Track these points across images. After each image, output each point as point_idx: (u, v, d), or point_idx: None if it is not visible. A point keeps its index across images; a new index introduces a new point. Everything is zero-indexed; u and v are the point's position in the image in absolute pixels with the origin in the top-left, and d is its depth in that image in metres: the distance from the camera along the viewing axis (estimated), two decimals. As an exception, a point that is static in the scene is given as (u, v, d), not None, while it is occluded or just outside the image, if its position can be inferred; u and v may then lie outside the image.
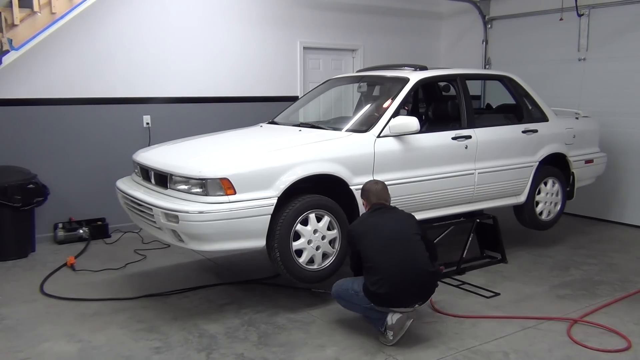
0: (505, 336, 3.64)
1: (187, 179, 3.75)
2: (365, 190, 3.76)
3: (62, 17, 5.17)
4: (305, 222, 3.87)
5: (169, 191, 3.85)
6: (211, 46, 6.47)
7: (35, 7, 4.86)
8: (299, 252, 3.88)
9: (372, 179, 3.99)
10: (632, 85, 6.30)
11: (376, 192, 3.70)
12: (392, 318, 3.42)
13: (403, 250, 3.43)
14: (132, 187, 4.27)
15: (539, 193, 5.38)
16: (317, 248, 3.94)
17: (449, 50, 8.47)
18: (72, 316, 3.94)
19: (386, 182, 4.20)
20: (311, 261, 3.94)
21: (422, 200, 4.50)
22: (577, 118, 5.83)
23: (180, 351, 3.43)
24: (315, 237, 3.91)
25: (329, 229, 3.99)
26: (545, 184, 5.41)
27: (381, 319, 3.49)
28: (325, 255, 4.00)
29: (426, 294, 3.51)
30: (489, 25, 7.91)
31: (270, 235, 3.79)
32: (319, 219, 3.92)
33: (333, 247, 4.02)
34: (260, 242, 3.79)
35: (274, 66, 6.95)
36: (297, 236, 3.86)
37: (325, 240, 3.97)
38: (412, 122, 4.23)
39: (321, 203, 3.93)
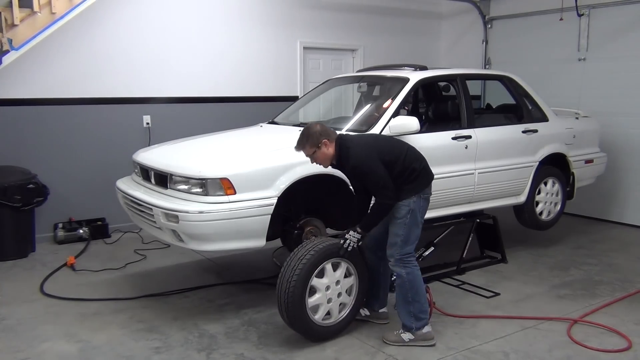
0: (505, 336, 3.64)
1: (187, 179, 3.75)
2: (323, 131, 3.37)
3: (62, 17, 5.17)
4: (321, 274, 3.46)
5: (169, 191, 3.85)
6: (211, 46, 6.47)
7: (35, 7, 4.86)
8: (315, 309, 3.47)
9: (314, 122, 3.55)
10: (632, 85, 6.30)
11: (325, 127, 3.44)
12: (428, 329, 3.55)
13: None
14: (132, 187, 4.27)
15: (539, 193, 5.38)
16: (329, 301, 3.51)
17: (449, 50, 8.46)
18: (72, 316, 3.94)
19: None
20: (328, 315, 3.54)
21: (422, 200, 4.49)
22: (577, 118, 5.82)
23: (180, 351, 3.43)
24: (332, 290, 3.51)
25: (347, 291, 3.62)
26: (545, 184, 5.41)
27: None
28: (341, 306, 3.61)
29: None
30: (489, 25, 7.91)
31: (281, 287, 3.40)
32: (335, 268, 3.52)
33: (350, 295, 3.64)
34: (260, 242, 3.78)
35: (274, 66, 6.95)
36: (313, 291, 3.45)
37: (339, 299, 3.57)
38: (412, 122, 4.23)
39: (334, 251, 3.47)
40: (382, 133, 4.25)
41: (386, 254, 3.52)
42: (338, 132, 3.53)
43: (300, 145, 3.41)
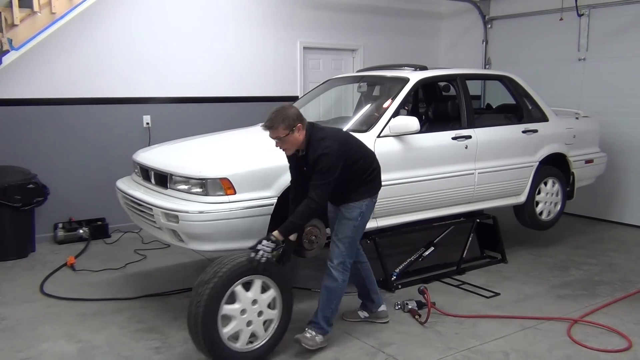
0: (505, 336, 3.64)
1: (187, 179, 3.75)
2: (299, 115, 3.24)
3: (62, 17, 5.17)
4: (231, 299, 3.14)
5: (169, 191, 3.84)
6: (211, 46, 6.47)
7: (35, 7, 4.86)
8: (235, 336, 3.15)
9: (288, 104, 3.36)
10: (632, 85, 6.31)
11: (299, 111, 3.31)
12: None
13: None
14: (132, 187, 4.26)
15: (539, 193, 5.38)
16: (249, 323, 3.19)
17: (449, 50, 8.46)
18: (72, 316, 3.94)
19: (386, 182, 4.21)
20: (235, 337, 3.17)
21: (423, 200, 4.50)
22: (577, 118, 5.83)
23: (180, 351, 3.43)
24: (250, 312, 3.17)
25: (269, 306, 3.29)
26: (545, 184, 5.41)
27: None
28: (253, 336, 3.25)
29: None
30: (489, 25, 7.91)
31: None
32: (247, 287, 3.18)
33: (274, 309, 3.30)
34: (261, 242, 3.78)
35: (274, 66, 6.95)
36: (227, 320, 3.13)
37: (261, 318, 3.23)
38: (412, 122, 4.23)
39: (244, 269, 3.13)
40: (382, 133, 4.26)
41: (330, 255, 3.42)
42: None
43: (274, 124, 3.17)
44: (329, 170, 3.18)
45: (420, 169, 4.43)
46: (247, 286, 3.18)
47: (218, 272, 3.07)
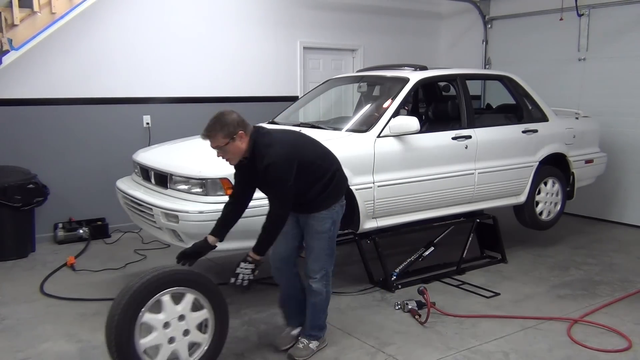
0: (505, 336, 3.64)
1: (187, 179, 3.75)
2: (240, 121, 2.97)
3: (62, 17, 5.17)
4: (156, 308, 2.83)
5: (169, 191, 3.84)
6: (211, 46, 6.47)
7: (35, 7, 4.86)
8: (154, 351, 2.83)
9: (229, 110, 3.09)
10: (632, 85, 6.31)
11: (242, 117, 3.04)
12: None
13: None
14: (132, 187, 4.27)
15: (539, 193, 5.38)
16: (171, 340, 2.86)
17: (449, 50, 8.46)
18: (72, 316, 3.93)
19: (386, 182, 4.24)
20: (153, 353, 2.85)
21: (422, 200, 4.50)
22: (577, 118, 5.83)
23: (180, 351, 3.42)
24: (174, 328, 2.86)
25: (199, 327, 3.00)
26: (545, 184, 5.41)
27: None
28: (194, 346, 2.98)
29: None
30: (489, 25, 7.91)
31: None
32: (177, 300, 2.88)
33: (204, 332, 2.99)
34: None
35: (274, 66, 6.95)
36: (147, 329, 2.81)
37: (186, 338, 2.91)
38: (412, 122, 4.23)
39: (178, 278, 2.87)
40: (382, 133, 4.26)
41: (308, 271, 3.24)
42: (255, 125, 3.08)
43: (211, 133, 2.92)
44: (281, 180, 2.92)
45: (420, 169, 4.43)
46: (176, 299, 2.86)
47: (147, 276, 2.79)
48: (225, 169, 3.68)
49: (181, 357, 2.90)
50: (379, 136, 4.24)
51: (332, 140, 4.21)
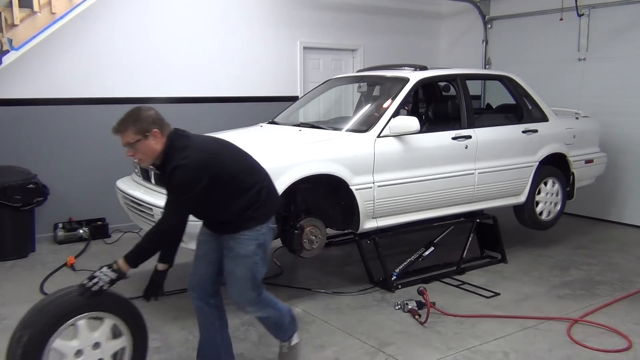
0: (505, 336, 3.64)
1: (187, 179, 3.74)
2: (157, 119, 2.69)
3: (62, 17, 5.17)
4: (70, 334, 2.57)
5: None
6: (211, 46, 6.47)
7: (35, 7, 4.86)
8: (57, 356, 2.53)
9: (148, 106, 2.86)
10: (632, 85, 6.31)
11: (160, 115, 2.75)
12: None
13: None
14: (132, 187, 4.27)
15: (539, 193, 5.38)
16: None
17: (449, 50, 8.46)
18: (72, 316, 3.93)
19: (386, 182, 4.24)
20: None
21: (422, 200, 4.50)
22: (577, 118, 5.83)
23: (180, 351, 3.43)
24: (88, 356, 2.58)
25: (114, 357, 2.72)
26: (545, 184, 5.41)
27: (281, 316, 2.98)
28: None
29: None
30: (489, 25, 7.91)
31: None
32: (93, 326, 2.62)
33: None
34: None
35: (274, 66, 6.95)
36: (73, 333, 2.57)
37: (105, 356, 2.64)
38: (412, 122, 4.23)
39: (97, 300, 2.54)
40: (382, 133, 4.26)
41: (234, 302, 2.86)
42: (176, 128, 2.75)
43: (121, 127, 2.66)
44: (183, 187, 2.55)
45: (420, 169, 4.43)
46: (92, 325, 2.59)
47: (63, 296, 2.51)
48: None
49: None
50: (379, 136, 4.24)
51: (332, 140, 4.22)
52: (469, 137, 4.74)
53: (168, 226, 2.60)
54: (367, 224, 4.24)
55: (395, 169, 4.30)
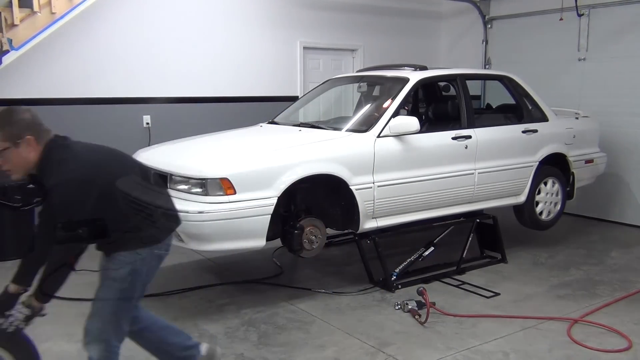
0: (505, 336, 3.64)
1: (187, 179, 3.75)
2: (33, 124, 2.34)
3: (62, 17, 5.17)
4: None
5: (168, 191, 3.84)
6: (211, 46, 6.47)
7: (35, 7, 4.86)
8: None
9: (25, 108, 2.45)
10: (632, 85, 6.30)
11: (38, 120, 2.40)
12: (204, 348, 2.78)
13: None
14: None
15: (539, 193, 5.38)
16: None
17: (449, 50, 8.46)
18: (72, 316, 3.92)
19: (386, 182, 4.24)
20: None
21: (422, 200, 4.50)
22: (577, 118, 5.82)
23: (180, 351, 3.42)
24: None
25: None
26: (545, 183, 5.41)
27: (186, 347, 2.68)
28: None
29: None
30: (489, 25, 7.91)
31: None
32: None
33: None
34: (260, 242, 3.79)
35: (274, 66, 6.95)
36: None
37: None
38: (412, 122, 4.24)
39: None
40: (382, 133, 4.26)
41: (84, 330, 2.50)
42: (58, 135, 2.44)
43: None
44: (69, 208, 2.30)
45: (420, 169, 4.43)
46: None
47: None
48: (225, 169, 3.69)
49: None
50: (379, 136, 4.24)
51: (332, 140, 4.22)
52: (469, 137, 4.74)
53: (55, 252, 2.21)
54: (367, 224, 4.24)
55: (395, 169, 4.30)
